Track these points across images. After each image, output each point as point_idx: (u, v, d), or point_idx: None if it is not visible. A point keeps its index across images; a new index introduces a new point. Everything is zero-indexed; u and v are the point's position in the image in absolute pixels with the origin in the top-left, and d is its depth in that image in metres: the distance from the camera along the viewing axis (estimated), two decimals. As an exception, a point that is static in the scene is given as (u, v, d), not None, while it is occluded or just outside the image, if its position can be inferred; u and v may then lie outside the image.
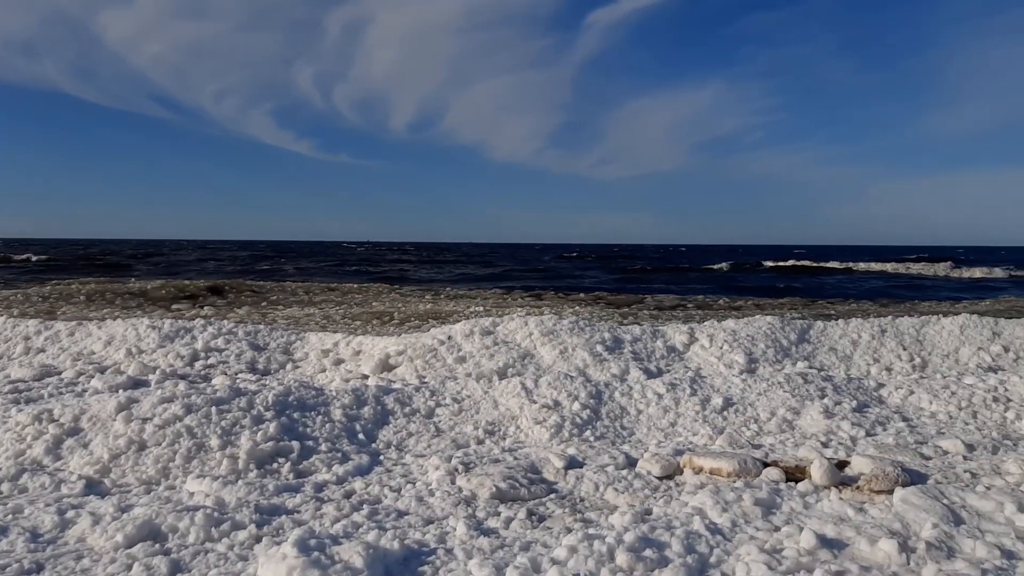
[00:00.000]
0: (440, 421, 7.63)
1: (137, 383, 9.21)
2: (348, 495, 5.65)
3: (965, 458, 6.59)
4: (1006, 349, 11.49)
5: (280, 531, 4.75)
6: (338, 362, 10.55)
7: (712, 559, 4.22)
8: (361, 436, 7.10)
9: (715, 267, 59.51)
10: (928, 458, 6.56)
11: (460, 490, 5.68)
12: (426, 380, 9.11)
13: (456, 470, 6.06)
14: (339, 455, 6.53)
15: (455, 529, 4.84)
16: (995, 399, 8.30)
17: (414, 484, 5.87)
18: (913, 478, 5.65)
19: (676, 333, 11.37)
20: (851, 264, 61.23)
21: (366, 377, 9.65)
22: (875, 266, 59.09)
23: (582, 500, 5.62)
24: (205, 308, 20.63)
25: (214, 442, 6.31)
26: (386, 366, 10.05)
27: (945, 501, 4.97)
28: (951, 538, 4.43)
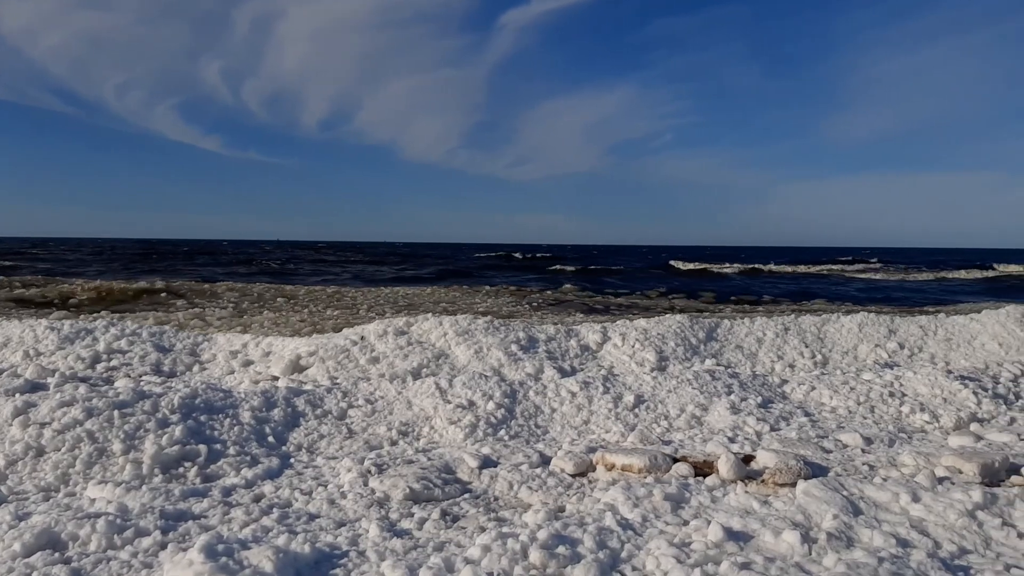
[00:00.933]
0: (352, 422, 7.54)
1: (35, 386, 8.79)
2: (257, 499, 5.53)
3: (863, 451, 6.86)
4: (901, 346, 12.02)
5: (186, 537, 4.61)
6: (247, 363, 10.32)
7: (623, 554, 4.29)
8: (271, 439, 6.96)
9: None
10: (829, 451, 6.81)
11: (373, 492, 5.62)
12: (338, 381, 8.99)
13: (369, 472, 6.00)
14: (248, 458, 6.39)
15: (368, 531, 4.79)
16: (891, 394, 8.67)
17: (326, 487, 5.78)
18: (815, 471, 5.85)
19: (590, 332, 11.51)
20: (796, 267, 62.48)
21: (276, 379, 9.46)
22: (809, 268, 60.65)
23: (496, 499, 5.64)
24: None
25: (117, 447, 6.09)
26: (297, 367, 9.88)
27: (845, 493, 5.16)
28: (850, 528, 4.61)
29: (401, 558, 4.29)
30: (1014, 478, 5.81)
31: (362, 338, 10.44)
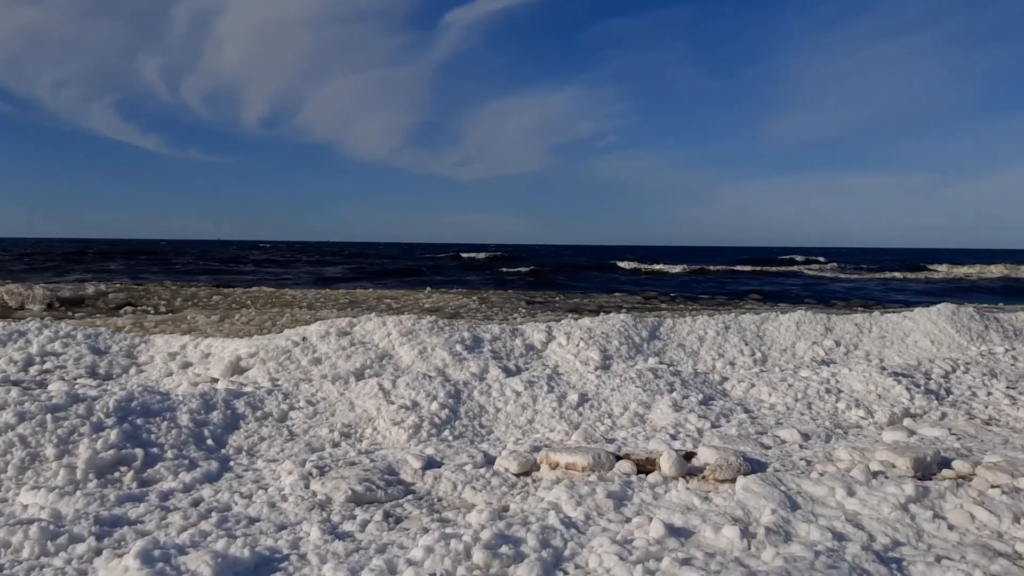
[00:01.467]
0: (294, 424, 7.45)
1: (-39, 391, 8.51)
2: (195, 503, 5.43)
3: (801, 447, 7.00)
4: (837, 343, 12.31)
5: (122, 543, 4.50)
6: (186, 365, 10.12)
7: (567, 552, 4.31)
8: (210, 442, 6.83)
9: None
10: (768, 447, 6.93)
11: (314, 494, 5.56)
12: (279, 383, 8.87)
13: (310, 474, 5.93)
14: (186, 462, 6.26)
15: (309, 534, 4.73)
16: (828, 391, 8.86)
17: (266, 490, 5.70)
18: (754, 467, 5.95)
19: (535, 332, 11.54)
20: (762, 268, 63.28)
21: (215, 380, 9.30)
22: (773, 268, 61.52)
23: (440, 500, 5.62)
24: None
25: (50, 451, 5.92)
26: (237, 369, 9.72)
27: (783, 488, 5.26)
28: (788, 523, 4.70)
29: (343, 561, 4.25)
30: (945, 471, 5.98)
31: (304, 339, 10.31)
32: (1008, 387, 9.21)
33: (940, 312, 13.51)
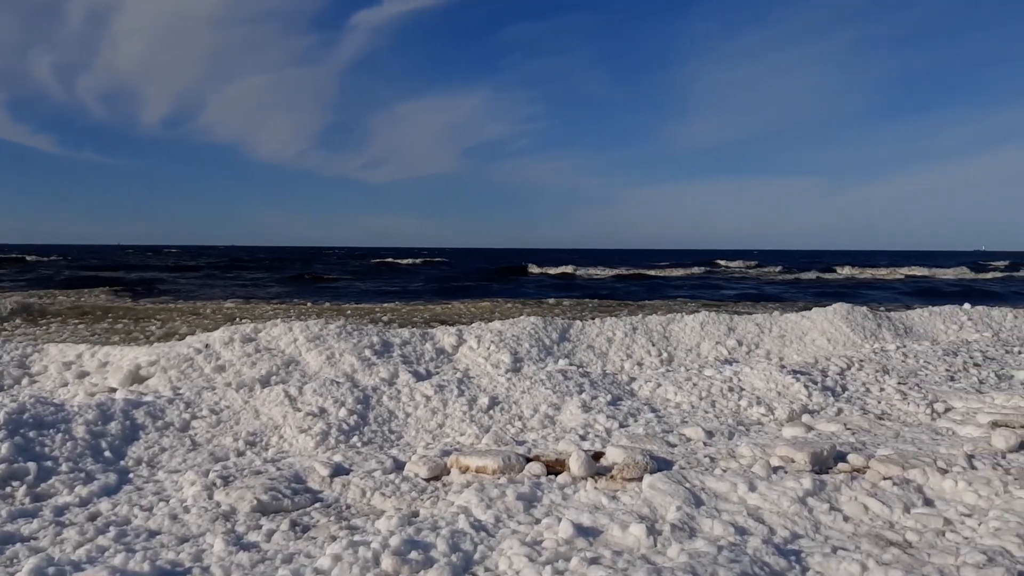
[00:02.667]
0: (196, 434, 7.24)
1: None
2: (93, 517, 5.22)
3: (705, 444, 7.18)
4: (740, 343, 12.68)
5: (14, 561, 4.30)
6: (82, 375, 9.71)
7: (476, 556, 4.31)
8: (108, 454, 6.58)
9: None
10: (673, 445, 7.08)
11: (218, 505, 5.41)
12: (181, 391, 8.60)
13: (214, 484, 5.77)
14: (82, 475, 6.02)
15: (212, 546, 4.60)
16: (730, 389, 9.11)
17: (167, 502, 5.52)
18: (660, 465, 6.07)
19: (445, 335, 11.52)
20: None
21: (114, 390, 8.95)
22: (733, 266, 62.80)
23: (348, 507, 5.55)
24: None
25: (-69, 469, 5.61)
26: (137, 378, 9.38)
27: (687, 485, 5.38)
28: (692, 519, 4.81)
29: (248, 572, 4.16)
30: (841, 465, 6.23)
31: (207, 346, 10.03)
32: (899, 383, 9.65)
33: (836, 311, 14.06)
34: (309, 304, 25.95)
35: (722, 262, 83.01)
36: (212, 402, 7.91)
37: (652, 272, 61.53)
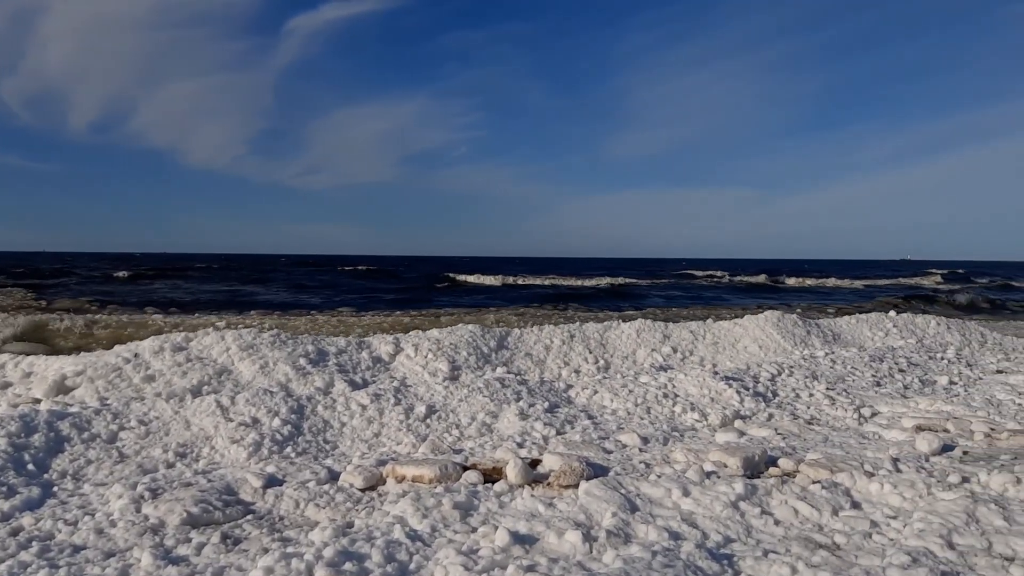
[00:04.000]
0: (124, 446, 7.04)
1: None
2: (14, 533, 5.02)
3: (641, 450, 7.25)
4: (674, 350, 12.85)
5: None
6: (5, 386, 9.37)
7: (412, 566, 4.27)
8: (31, 467, 6.35)
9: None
10: (610, 452, 7.13)
11: (147, 518, 5.26)
12: (108, 402, 8.34)
13: (142, 497, 5.61)
14: (4, 489, 5.79)
15: (140, 560, 4.48)
16: (665, 395, 9.22)
17: (93, 515, 5.34)
18: (596, 471, 6.11)
19: (382, 344, 11.41)
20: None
21: (38, 401, 8.65)
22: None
23: (281, 519, 5.45)
24: None
25: None
26: (62, 388, 9.08)
27: (623, 491, 5.42)
28: (627, 525, 4.85)
29: (176, 588, 4.05)
30: (772, 469, 6.35)
31: (136, 355, 9.76)
32: (828, 388, 9.89)
33: (767, 319, 14.36)
34: (236, 315, 25.45)
35: (697, 272, 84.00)
36: (141, 413, 7.70)
37: (598, 282, 61.95)
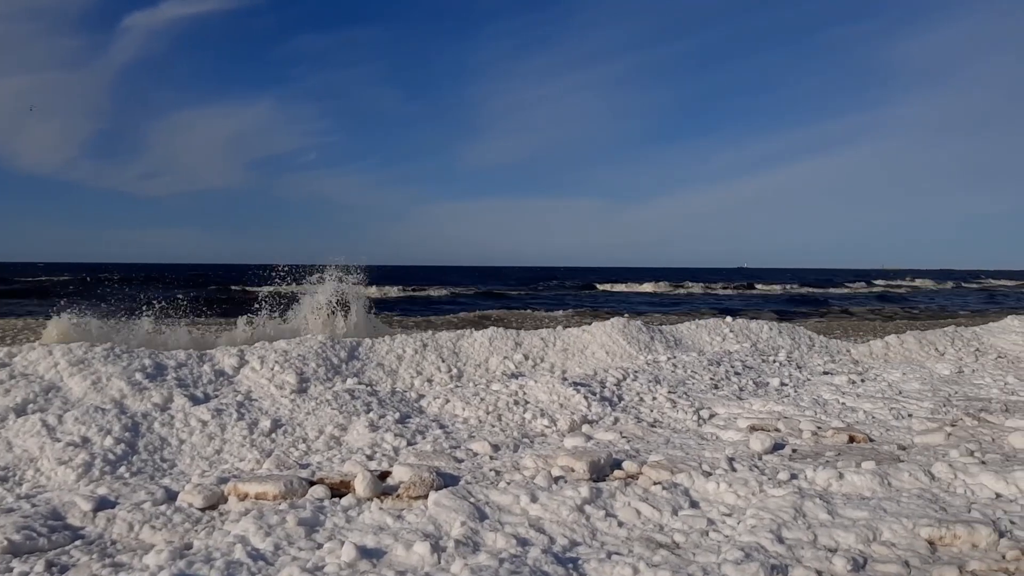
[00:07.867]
0: (-66, 472, 6.46)
1: None
2: None
3: (491, 458, 7.29)
4: (526, 357, 13.03)
5: None
6: None
7: (253, 587, 4.13)
8: None
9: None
10: (460, 461, 7.14)
11: (-43, 551, 4.85)
12: (-84, 425, 7.64)
13: (-47, 528, 5.16)
14: None
15: (-53, 599, 4.11)
16: (516, 402, 9.33)
17: None
18: (447, 481, 6.10)
19: (225, 356, 10.99)
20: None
21: None
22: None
23: (114, 543, 5.14)
24: None
25: None
26: None
27: (472, 500, 5.44)
28: (476, 533, 4.86)
29: (-11, 625, 3.74)
30: (616, 472, 6.53)
31: (-51, 373, 8.99)
32: (669, 391, 10.28)
33: (613, 325, 14.79)
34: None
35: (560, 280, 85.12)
36: (-48, 437, 7.09)
37: (456, 291, 62.14)
